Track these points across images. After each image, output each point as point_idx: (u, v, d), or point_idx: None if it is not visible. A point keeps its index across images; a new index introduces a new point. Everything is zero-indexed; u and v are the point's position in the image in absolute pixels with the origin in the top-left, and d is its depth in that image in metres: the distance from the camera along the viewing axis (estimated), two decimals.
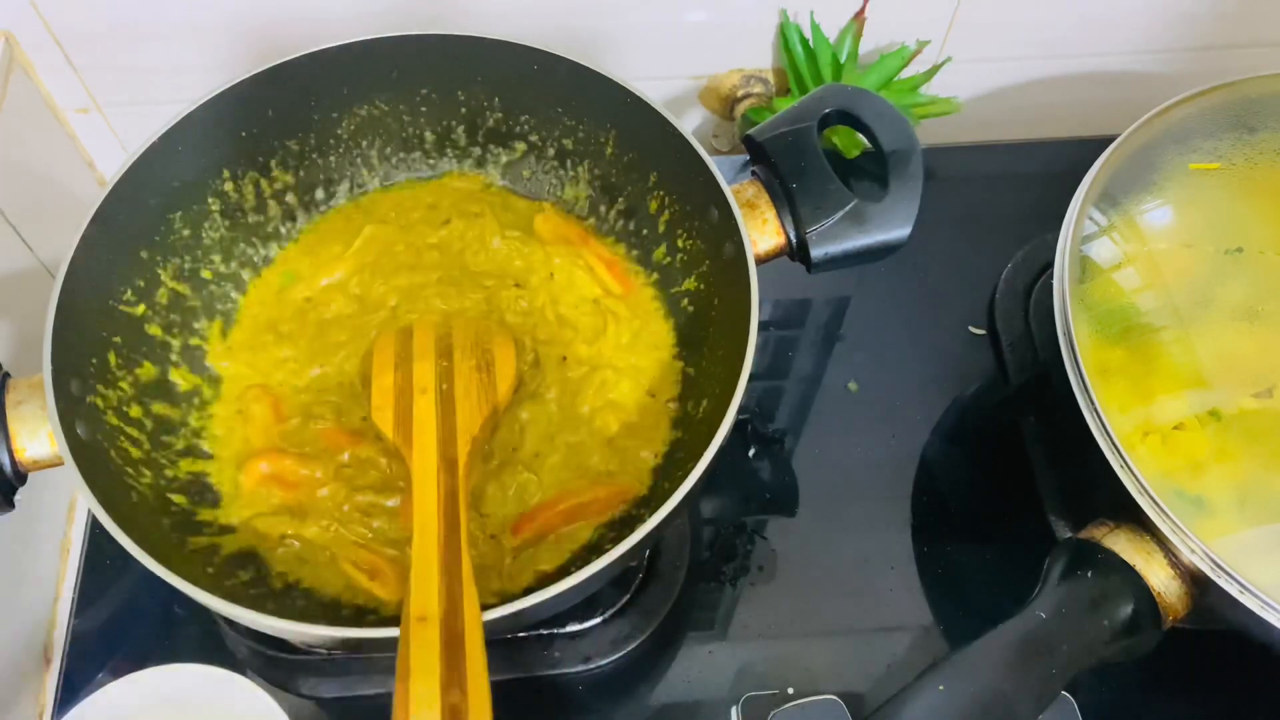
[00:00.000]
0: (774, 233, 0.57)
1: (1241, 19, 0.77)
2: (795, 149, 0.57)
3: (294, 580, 0.55)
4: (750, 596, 0.65)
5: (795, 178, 0.57)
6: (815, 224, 0.56)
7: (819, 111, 0.59)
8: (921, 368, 0.73)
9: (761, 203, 0.58)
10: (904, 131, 0.58)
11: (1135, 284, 0.60)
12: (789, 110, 0.59)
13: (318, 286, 0.64)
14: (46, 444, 0.50)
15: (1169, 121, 0.61)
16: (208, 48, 0.70)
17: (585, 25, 0.72)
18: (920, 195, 0.57)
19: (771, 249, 0.57)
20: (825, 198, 0.56)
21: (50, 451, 0.50)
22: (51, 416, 0.49)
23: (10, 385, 0.52)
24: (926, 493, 0.69)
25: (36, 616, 0.67)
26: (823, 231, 0.56)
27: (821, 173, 0.57)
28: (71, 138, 0.76)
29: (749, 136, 0.59)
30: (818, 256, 0.57)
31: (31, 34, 0.68)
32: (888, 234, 0.57)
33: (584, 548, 0.56)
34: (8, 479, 0.51)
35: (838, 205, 0.56)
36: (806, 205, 0.56)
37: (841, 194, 0.57)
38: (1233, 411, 0.55)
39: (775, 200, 0.57)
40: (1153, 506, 0.50)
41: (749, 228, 0.56)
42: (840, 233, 0.56)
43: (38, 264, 0.69)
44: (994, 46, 0.78)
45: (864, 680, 0.62)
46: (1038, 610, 0.51)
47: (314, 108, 0.64)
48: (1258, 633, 0.50)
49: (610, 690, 0.62)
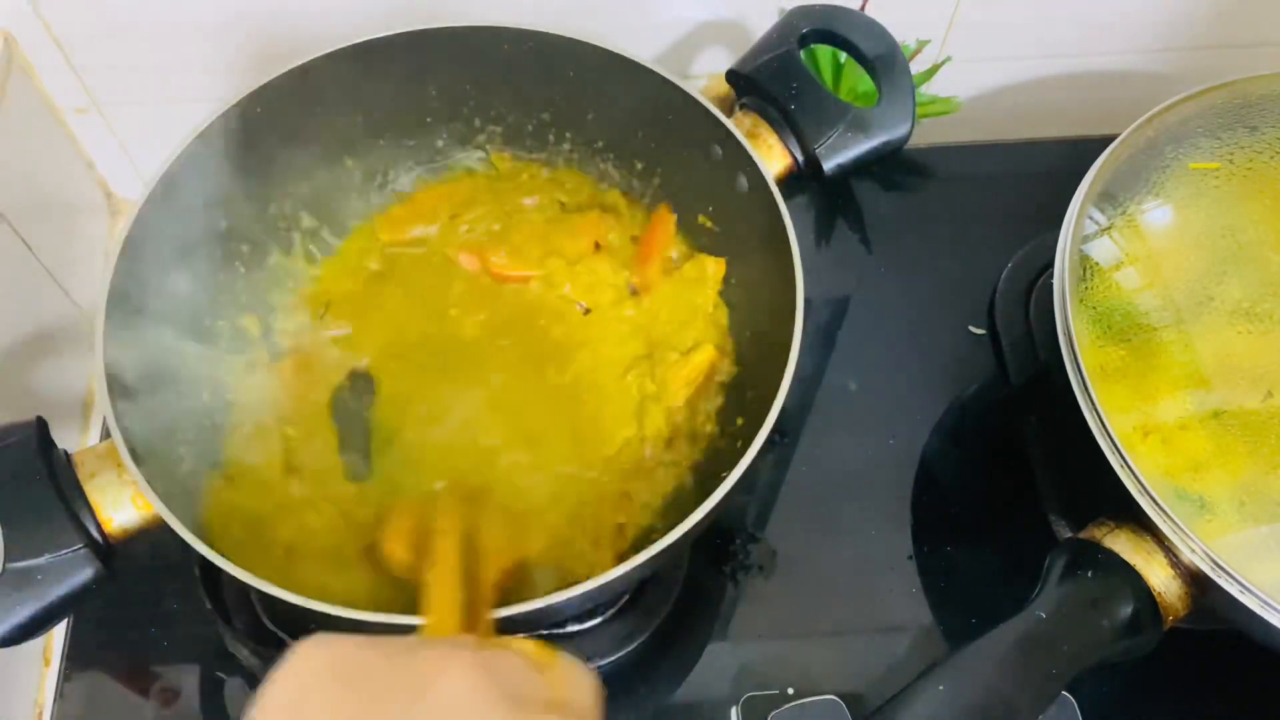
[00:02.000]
0: (780, 155, 0.59)
1: (1241, 19, 0.77)
2: (783, 73, 0.59)
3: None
4: (750, 596, 0.65)
5: (791, 100, 0.59)
6: (821, 139, 0.58)
7: (797, 32, 0.60)
8: (921, 368, 0.73)
9: (762, 130, 0.59)
10: (883, 36, 0.60)
11: (1135, 284, 0.60)
12: (765, 38, 0.61)
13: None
14: (132, 509, 0.50)
15: (1169, 121, 0.61)
16: (208, 48, 0.70)
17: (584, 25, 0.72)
18: (913, 92, 0.60)
19: (782, 170, 0.59)
20: (824, 112, 0.59)
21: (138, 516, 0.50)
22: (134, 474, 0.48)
23: (77, 460, 0.51)
24: (926, 493, 0.68)
25: None
26: (830, 144, 0.58)
27: (815, 90, 0.59)
28: (71, 138, 0.76)
29: (732, 70, 0.61)
30: (830, 169, 0.59)
31: (31, 34, 0.68)
32: (891, 133, 0.59)
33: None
34: (104, 551, 0.50)
35: (838, 117, 0.59)
36: (808, 123, 0.58)
37: (838, 106, 0.59)
38: (1233, 411, 0.55)
39: (775, 125, 0.59)
40: (1153, 506, 0.50)
41: (758, 154, 0.57)
42: (846, 142, 0.59)
43: (38, 265, 0.68)
44: (994, 46, 0.78)
45: (864, 680, 0.62)
46: (1038, 610, 0.51)
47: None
48: (1258, 633, 0.50)
49: (610, 690, 0.61)
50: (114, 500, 0.50)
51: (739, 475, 0.49)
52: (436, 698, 0.26)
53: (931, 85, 0.78)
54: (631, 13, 0.72)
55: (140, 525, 0.50)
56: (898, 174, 0.82)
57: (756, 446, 0.50)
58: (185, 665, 0.62)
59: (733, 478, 0.49)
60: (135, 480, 0.49)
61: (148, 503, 0.49)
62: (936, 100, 0.79)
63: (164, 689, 0.62)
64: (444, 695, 0.26)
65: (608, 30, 0.62)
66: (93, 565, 0.48)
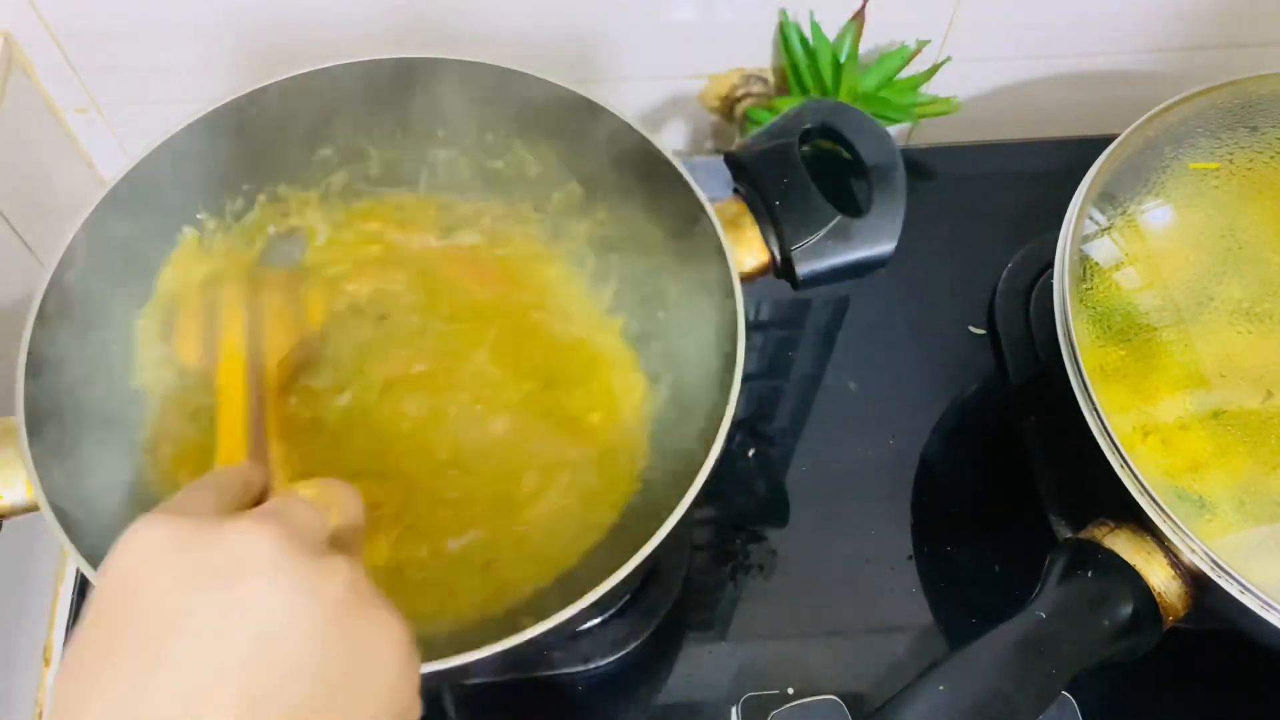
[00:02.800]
0: (759, 251, 0.57)
1: (1241, 19, 0.77)
2: (778, 165, 0.57)
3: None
4: (750, 596, 0.65)
5: (778, 195, 0.57)
6: (799, 241, 0.56)
7: (800, 126, 0.58)
8: (921, 368, 0.73)
9: (745, 220, 0.57)
10: (885, 145, 0.58)
11: (1135, 284, 0.60)
12: (770, 125, 0.59)
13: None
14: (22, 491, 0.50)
15: (1169, 121, 0.61)
16: (208, 48, 0.70)
17: (584, 25, 0.72)
18: (904, 210, 0.57)
19: (757, 267, 0.57)
20: (809, 214, 0.56)
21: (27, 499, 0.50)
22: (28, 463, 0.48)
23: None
24: (926, 493, 0.69)
25: (36, 617, 0.67)
26: (807, 248, 0.56)
27: (805, 189, 0.57)
28: (71, 138, 0.76)
29: (730, 154, 0.59)
30: (804, 274, 0.57)
31: (31, 34, 0.68)
32: (872, 249, 0.57)
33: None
34: None
35: (822, 222, 0.56)
36: (790, 222, 0.56)
37: (825, 210, 0.56)
38: (1233, 411, 0.55)
39: (759, 218, 0.57)
40: (1153, 506, 0.50)
41: (733, 246, 0.55)
42: (825, 250, 0.56)
43: (38, 265, 0.68)
44: (994, 46, 0.78)
45: (864, 680, 0.62)
46: (1038, 610, 0.51)
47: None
48: (1258, 633, 0.50)
49: (610, 690, 0.62)
50: (6, 479, 0.50)
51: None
52: (248, 558, 0.32)
53: (931, 85, 0.78)
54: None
55: (27, 507, 0.50)
56: None
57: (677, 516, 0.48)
58: None
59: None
60: (26, 460, 0.48)
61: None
62: (936, 100, 0.79)
63: None
64: (256, 562, 0.32)
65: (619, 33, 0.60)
66: None
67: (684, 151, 0.84)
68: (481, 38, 0.71)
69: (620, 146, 0.59)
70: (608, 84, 0.76)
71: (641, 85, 0.77)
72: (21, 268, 0.67)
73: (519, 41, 0.69)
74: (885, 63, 0.75)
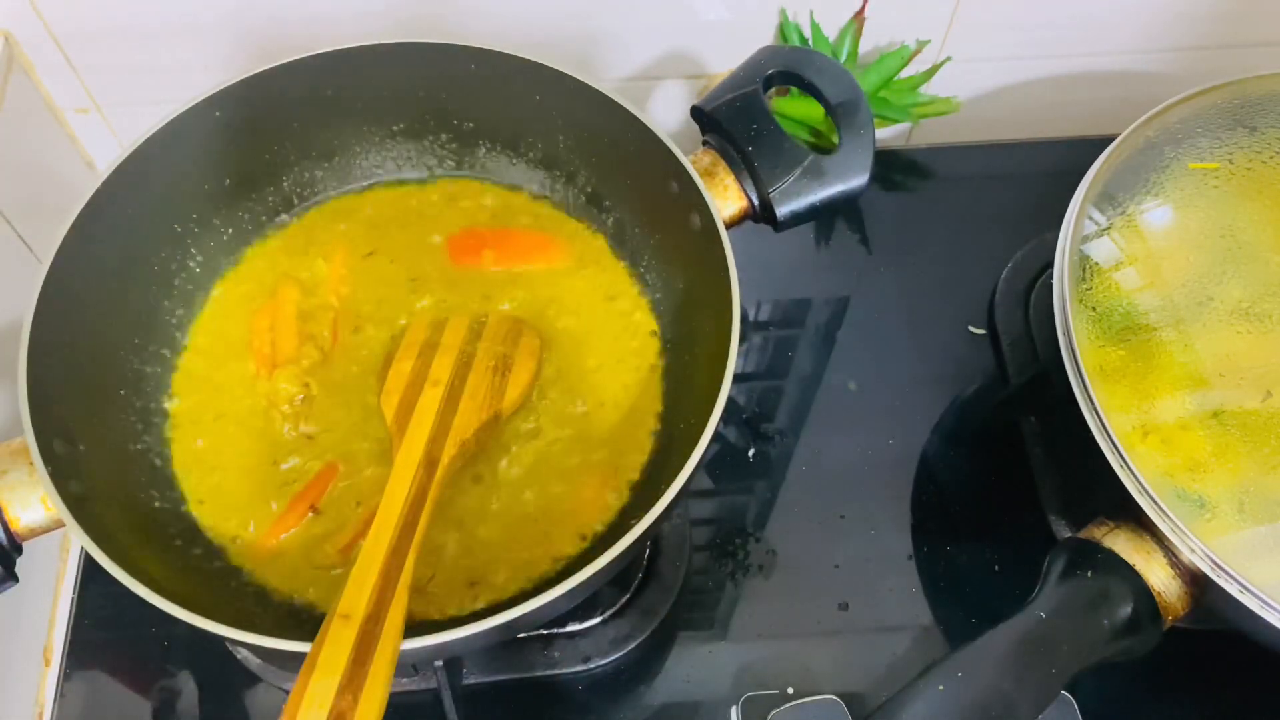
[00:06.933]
0: (736, 197, 0.58)
1: (1241, 19, 0.77)
2: (745, 113, 0.59)
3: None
4: (750, 596, 0.65)
5: (749, 141, 0.58)
6: (776, 183, 0.57)
7: (762, 73, 0.60)
8: (921, 368, 0.73)
9: (720, 169, 0.58)
10: (847, 82, 0.59)
11: (1135, 284, 0.60)
12: (732, 76, 0.60)
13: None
14: (41, 509, 0.49)
15: (1169, 121, 0.61)
16: (208, 47, 0.70)
17: (583, 24, 0.72)
18: (873, 142, 0.59)
19: (736, 213, 0.58)
20: (781, 156, 0.58)
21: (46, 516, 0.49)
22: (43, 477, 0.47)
23: None
24: (926, 493, 0.69)
25: (36, 617, 0.67)
26: (784, 189, 0.57)
27: (774, 133, 0.58)
28: (71, 138, 0.76)
29: (697, 107, 0.60)
30: (783, 214, 0.58)
31: (31, 34, 0.68)
32: (847, 183, 0.58)
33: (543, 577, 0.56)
34: (7, 553, 0.49)
35: (795, 162, 0.58)
36: (764, 166, 0.58)
37: (797, 150, 0.58)
38: (1233, 411, 0.55)
39: (733, 166, 0.58)
40: (1153, 506, 0.50)
41: (712, 195, 0.56)
42: (801, 188, 0.58)
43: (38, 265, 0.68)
44: (994, 46, 0.78)
45: (864, 680, 0.62)
46: (1038, 610, 0.51)
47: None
48: (1258, 633, 0.50)
49: (610, 690, 0.62)
50: (22, 499, 0.49)
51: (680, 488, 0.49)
52: None
53: (931, 85, 0.78)
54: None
55: (48, 526, 0.49)
56: (898, 174, 0.82)
57: (682, 481, 0.49)
58: (185, 665, 0.62)
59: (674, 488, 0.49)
60: (44, 480, 0.47)
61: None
62: (936, 100, 0.79)
63: (164, 689, 0.62)
64: None
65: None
66: None
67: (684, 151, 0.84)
68: (483, 39, 0.71)
69: (602, 117, 0.60)
70: (608, 84, 0.76)
71: (642, 85, 0.78)
72: (21, 267, 0.67)
73: (519, 43, 0.69)
74: (885, 63, 0.75)
